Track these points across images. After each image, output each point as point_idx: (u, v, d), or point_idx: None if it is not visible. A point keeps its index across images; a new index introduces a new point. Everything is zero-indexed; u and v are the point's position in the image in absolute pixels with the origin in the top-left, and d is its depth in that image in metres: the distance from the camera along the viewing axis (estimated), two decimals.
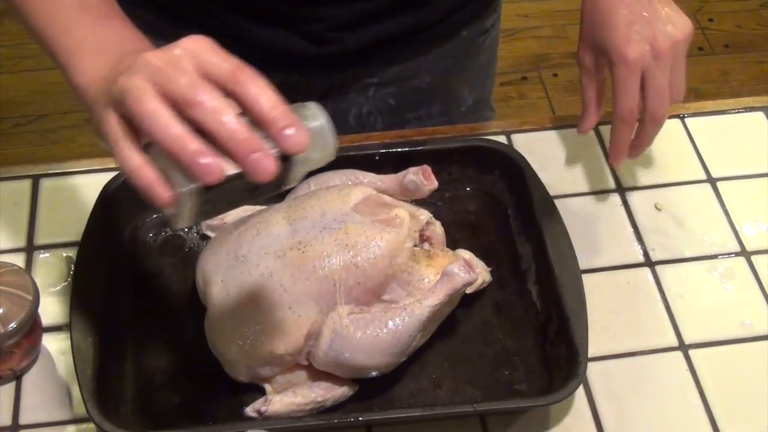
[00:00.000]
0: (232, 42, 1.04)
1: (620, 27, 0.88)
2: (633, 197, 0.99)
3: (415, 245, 0.85)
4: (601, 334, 0.88)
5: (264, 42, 1.02)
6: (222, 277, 0.83)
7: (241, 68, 0.63)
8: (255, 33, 1.02)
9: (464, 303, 0.88)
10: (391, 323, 0.80)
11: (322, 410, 0.82)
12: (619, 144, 0.93)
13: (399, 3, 1.02)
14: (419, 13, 1.04)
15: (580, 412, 0.84)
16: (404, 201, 0.90)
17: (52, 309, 0.88)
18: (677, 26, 0.88)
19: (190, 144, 0.60)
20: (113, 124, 0.64)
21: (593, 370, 0.85)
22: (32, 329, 0.83)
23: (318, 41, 1.02)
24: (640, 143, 0.93)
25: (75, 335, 0.80)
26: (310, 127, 0.64)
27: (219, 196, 0.63)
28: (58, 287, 0.91)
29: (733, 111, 1.08)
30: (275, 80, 0.71)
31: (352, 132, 1.09)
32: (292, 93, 1.11)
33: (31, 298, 0.82)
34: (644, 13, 0.88)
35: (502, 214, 0.96)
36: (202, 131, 0.61)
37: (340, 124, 1.13)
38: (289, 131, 0.61)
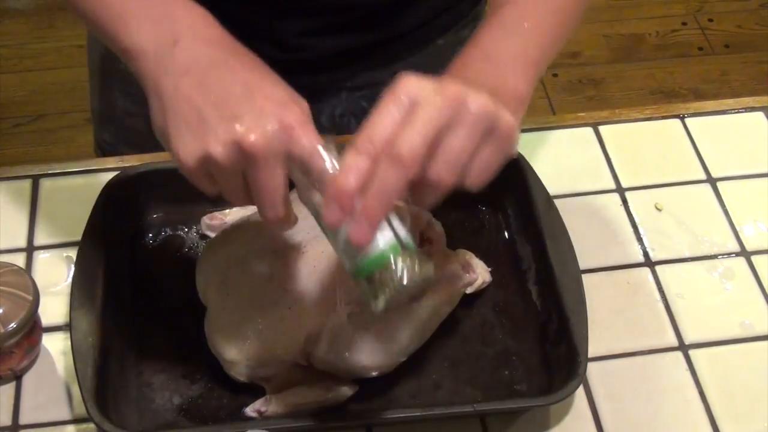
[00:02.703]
0: None
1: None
2: (633, 197, 0.99)
3: None
4: (601, 334, 0.88)
5: None
6: (222, 277, 0.83)
7: None
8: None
9: (464, 303, 0.88)
10: (390, 323, 0.80)
11: (322, 410, 0.82)
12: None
13: (366, 19, 1.01)
14: (388, 27, 1.03)
15: (580, 412, 0.84)
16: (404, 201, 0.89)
17: (52, 309, 0.88)
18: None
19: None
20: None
21: (593, 370, 0.85)
22: (32, 329, 0.83)
23: (285, 48, 1.02)
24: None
25: (75, 335, 0.80)
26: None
27: None
28: (58, 287, 0.90)
29: (733, 111, 1.08)
30: None
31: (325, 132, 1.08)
32: None
33: (31, 298, 0.82)
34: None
35: (502, 214, 0.96)
36: None
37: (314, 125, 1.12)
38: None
